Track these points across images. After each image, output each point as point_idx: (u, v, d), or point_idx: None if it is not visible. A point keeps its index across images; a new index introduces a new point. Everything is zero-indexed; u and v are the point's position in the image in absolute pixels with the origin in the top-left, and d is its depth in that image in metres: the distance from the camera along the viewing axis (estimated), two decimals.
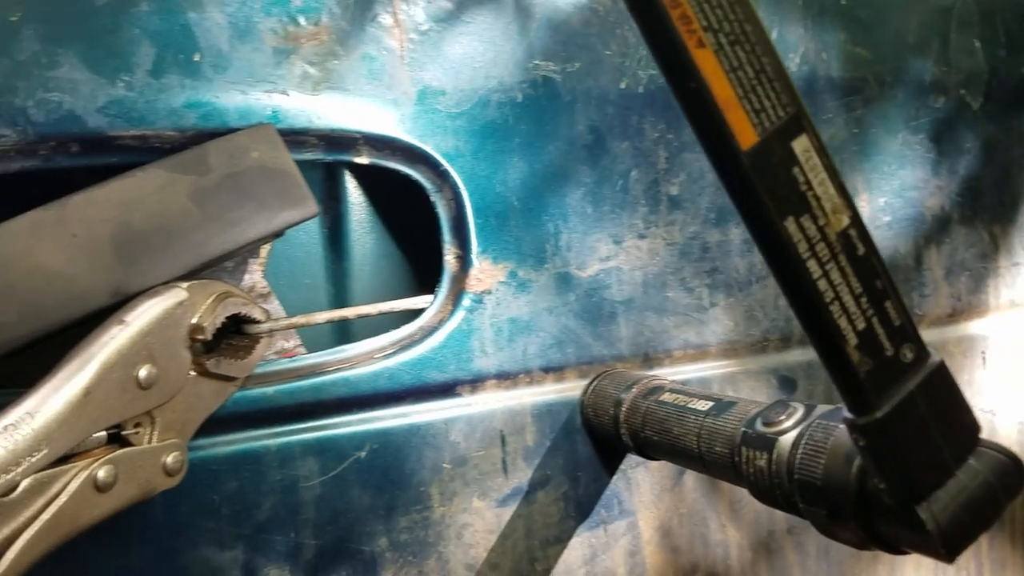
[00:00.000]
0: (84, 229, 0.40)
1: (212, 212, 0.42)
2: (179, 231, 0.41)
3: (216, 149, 0.43)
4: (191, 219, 0.42)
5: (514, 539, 0.52)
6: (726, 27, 0.28)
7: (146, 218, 0.41)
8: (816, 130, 0.30)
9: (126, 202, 0.40)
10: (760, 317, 0.60)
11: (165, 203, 0.41)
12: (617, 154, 0.54)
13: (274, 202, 0.43)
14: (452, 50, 0.49)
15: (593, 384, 0.53)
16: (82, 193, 0.40)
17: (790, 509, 0.39)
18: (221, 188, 0.42)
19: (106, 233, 0.40)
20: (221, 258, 0.43)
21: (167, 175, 0.41)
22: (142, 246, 0.40)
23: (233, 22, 0.43)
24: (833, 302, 0.30)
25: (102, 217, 0.40)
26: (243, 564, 0.46)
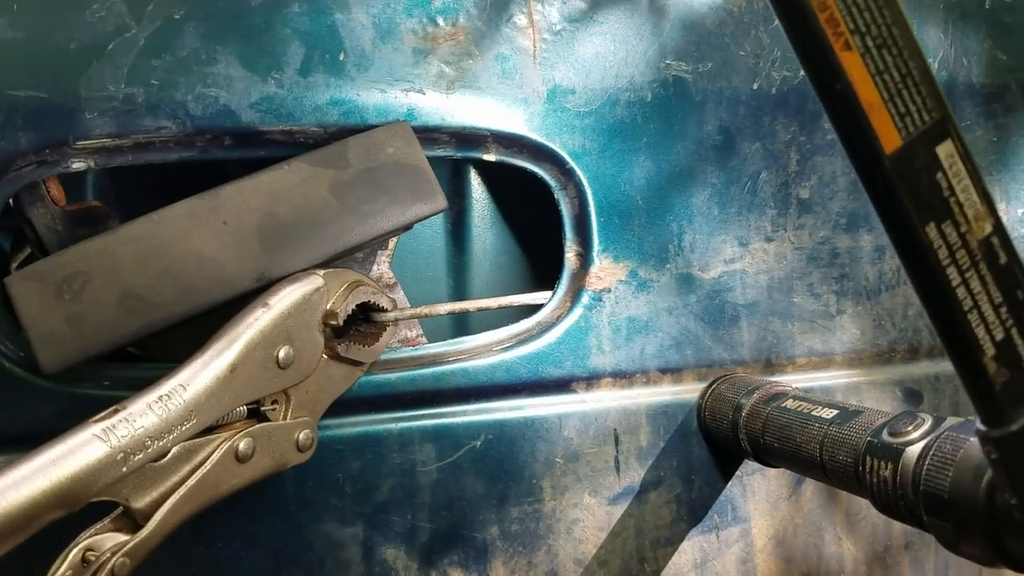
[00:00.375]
0: (234, 217, 0.42)
1: (349, 204, 0.44)
2: (319, 221, 0.43)
3: (355, 145, 0.45)
4: (330, 210, 0.44)
5: (624, 538, 0.52)
6: (873, 30, 0.28)
7: (290, 208, 0.43)
8: (961, 136, 0.29)
9: (273, 193, 0.43)
10: (888, 327, 0.58)
11: (308, 195, 0.43)
12: (747, 155, 0.53)
13: (406, 196, 0.45)
14: (584, 50, 0.49)
15: (712, 387, 0.53)
16: (233, 184, 0.43)
17: (913, 522, 0.38)
18: (358, 182, 0.44)
19: (254, 221, 0.43)
20: (355, 248, 0.45)
21: (310, 168, 0.44)
22: (285, 235, 0.43)
23: (377, 23, 0.45)
24: (971, 311, 0.29)
25: (250, 206, 0.43)
26: (362, 541, 0.48)
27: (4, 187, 0.42)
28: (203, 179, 0.43)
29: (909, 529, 0.59)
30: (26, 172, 0.42)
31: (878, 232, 0.57)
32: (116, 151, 0.43)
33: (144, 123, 0.43)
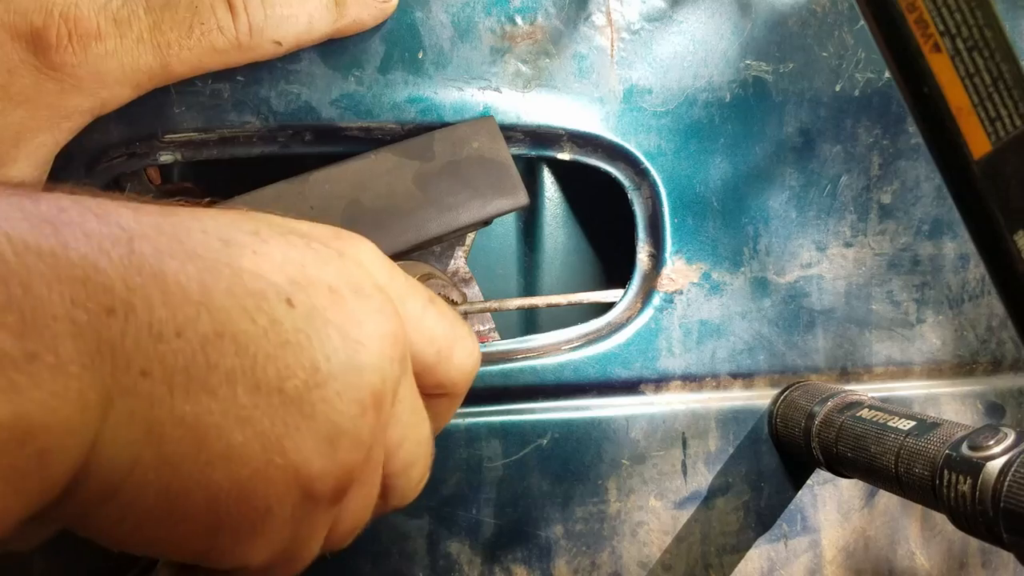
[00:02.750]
0: (320, 203, 0.43)
1: (432, 196, 0.45)
2: (402, 211, 0.44)
3: (441, 138, 0.45)
4: (413, 201, 0.44)
5: (689, 543, 0.52)
6: (964, 32, 0.27)
7: (374, 197, 0.44)
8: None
9: (359, 181, 0.44)
10: (971, 338, 0.56)
11: (392, 185, 0.44)
12: (827, 158, 0.52)
13: (488, 191, 0.46)
14: (662, 49, 0.49)
15: (785, 394, 0.52)
16: (321, 170, 0.44)
17: (992, 539, 0.37)
18: (442, 174, 0.45)
19: (339, 208, 0.44)
20: (435, 239, 0.46)
21: (396, 159, 0.45)
22: (369, 223, 0.44)
23: (455, 22, 0.46)
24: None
25: (337, 193, 0.44)
26: (428, 534, 0.49)
27: (96, 178, 0.44)
28: (280, 175, 0.44)
29: (987, 547, 0.57)
30: (117, 164, 0.44)
31: (962, 240, 0.55)
32: (202, 144, 0.45)
33: (229, 118, 0.44)
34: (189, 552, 0.27)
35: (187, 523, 0.26)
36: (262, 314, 0.27)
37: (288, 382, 0.27)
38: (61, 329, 0.22)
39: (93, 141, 0.42)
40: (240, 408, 0.26)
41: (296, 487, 0.27)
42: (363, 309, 0.30)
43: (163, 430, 0.24)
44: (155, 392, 0.24)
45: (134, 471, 0.24)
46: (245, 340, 0.26)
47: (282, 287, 0.28)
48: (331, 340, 0.28)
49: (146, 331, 0.24)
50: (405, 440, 0.34)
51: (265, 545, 0.28)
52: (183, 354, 0.25)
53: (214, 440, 0.25)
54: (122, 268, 0.24)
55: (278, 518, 0.27)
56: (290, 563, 0.31)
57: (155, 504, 0.25)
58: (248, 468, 0.26)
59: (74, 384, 0.22)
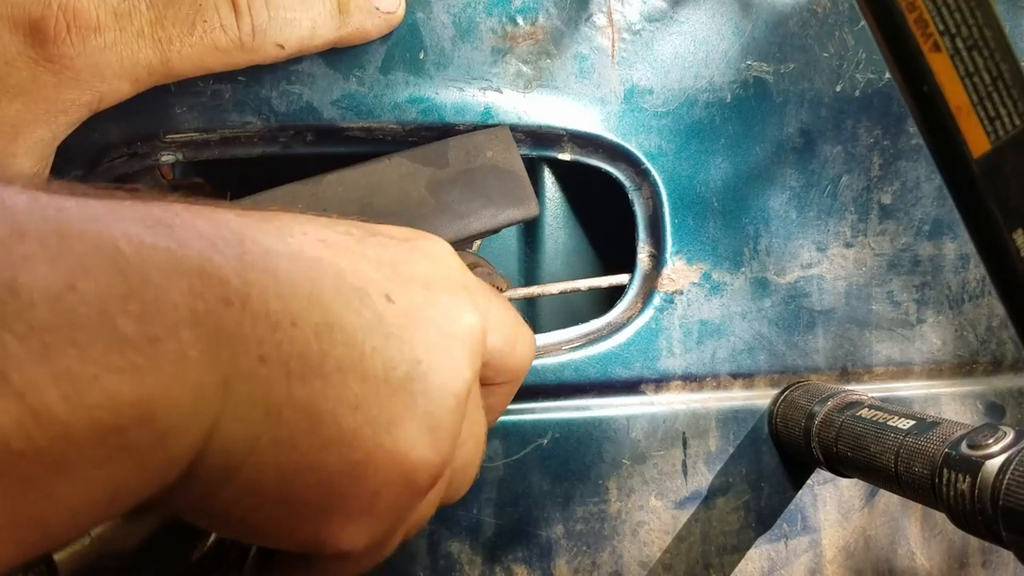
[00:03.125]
0: (333, 205, 0.43)
1: (445, 203, 0.45)
2: (414, 217, 0.44)
3: (456, 145, 0.46)
4: (425, 207, 0.45)
5: (690, 542, 0.52)
6: (964, 31, 0.27)
7: (387, 202, 0.44)
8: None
9: (372, 185, 0.44)
10: (970, 338, 0.56)
11: (405, 190, 0.44)
12: (827, 159, 0.52)
13: (501, 199, 0.46)
14: (663, 49, 0.49)
15: (785, 394, 0.52)
16: (335, 173, 0.44)
17: (991, 537, 0.37)
18: (456, 182, 0.45)
19: (352, 211, 0.44)
20: None
21: (411, 165, 0.45)
22: None
23: (457, 22, 0.46)
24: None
25: (350, 196, 0.44)
26: (428, 534, 0.49)
27: (97, 178, 0.44)
28: (280, 176, 0.44)
29: (986, 545, 0.57)
30: (118, 164, 0.44)
31: (962, 240, 0.55)
32: (203, 145, 0.45)
33: (231, 118, 0.44)
34: (299, 536, 0.28)
35: (301, 506, 0.27)
36: (367, 309, 0.28)
37: (392, 373, 0.28)
38: (181, 317, 0.23)
39: (94, 141, 0.42)
40: (351, 395, 0.27)
41: (400, 473, 0.29)
42: (456, 306, 0.32)
43: (280, 413, 0.26)
44: (272, 377, 0.25)
45: (253, 452, 0.25)
46: (352, 332, 0.27)
47: (381, 284, 0.29)
48: (429, 336, 0.30)
49: (263, 320, 0.25)
50: (469, 438, 0.35)
51: (368, 530, 0.29)
52: (298, 342, 0.26)
53: (328, 424, 0.27)
54: (236, 263, 0.25)
55: (384, 503, 0.29)
56: (379, 553, 0.32)
57: (273, 485, 0.26)
58: (359, 452, 0.27)
59: (194, 368, 0.23)
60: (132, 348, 0.21)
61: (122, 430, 0.21)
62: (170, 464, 0.23)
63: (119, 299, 0.22)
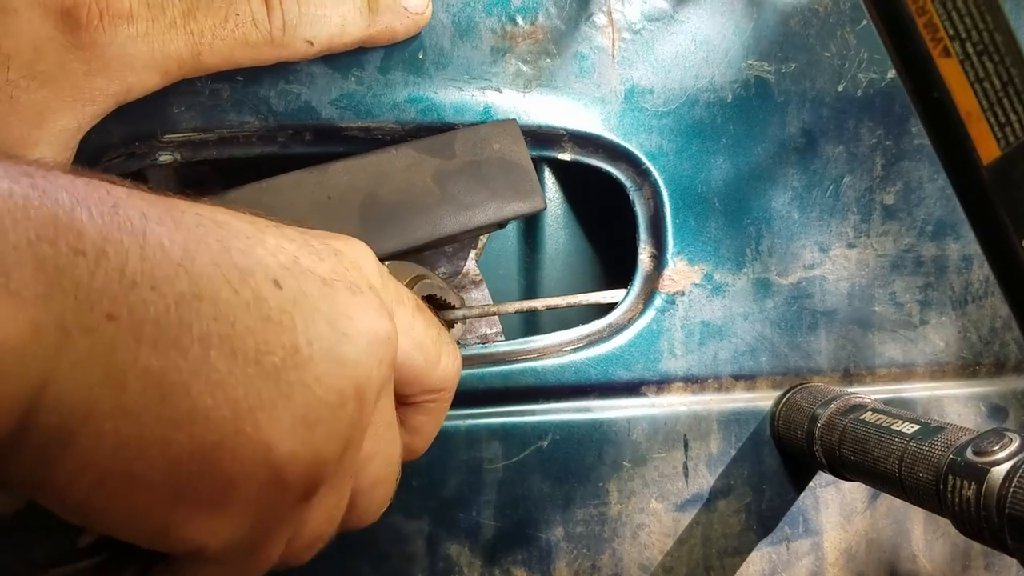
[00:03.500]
0: (339, 193, 0.43)
1: (450, 194, 0.45)
2: (419, 207, 0.44)
3: (463, 137, 0.45)
4: (431, 198, 0.44)
5: (691, 545, 0.52)
6: (974, 36, 0.27)
7: (392, 191, 0.44)
8: None
9: (378, 174, 0.44)
10: (974, 339, 0.56)
11: (411, 180, 0.44)
12: (829, 159, 0.52)
13: (506, 192, 0.45)
14: (663, 49, 0.49)
15: (787, 396, 0.52)
16: (341, 161, 0.44)
17: (997, 545, 0.36)
18: (462, 173, 0.45)
19: (357, 200, 0.43)
20: (449, 238, 0.45)
21: (417, 155, 0.44)
22: (385, 216, 0.44)
23: (456, 21, 0.45)
24: None
25: (356, 185, 0.43)
26: (427, 535, 0.48)
27: None
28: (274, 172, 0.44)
29: (989, 551, 0.57)
30: (116, 163, 0.44)
31: (965, 241, 0.55)
32: (201, 145, 0.44)
33: (229, 118, 0.44)
34: (146, 527, 0.26)
35: (145, 488, 0.25)
36: (246, 288, 0.27)
37: (266, 357, 0.27)
38: (19, 258, 0.22)
39: (92, 140, 0.42)
40: (212, 371, 0.26)
41: (265, 465, 0.27)
42: (356, 305, 0.30)
43: (125, 378, 0.24)
44: (119, 337, 0.24)
45: (92, 416, 0.24)
46: (225, 308, 0.26)
47: (271, 268, 0.28)
48: (317, 326, 0.29)
49: (117, 277, 0.24)
50: (377, 455, 0.33)
51: (225, 526, 0.27)
52: (155, 306, 0.25)
53: (180, 398, 0.25)
54: (100, 222, 0.24)
55: (242, 496, 0.27)
56: (248, 559, 0.30)
57: (113, 459, 0.25)
58: (215, 435, 0.26)
59: (26, 309, 0.22)
60: None
61: None
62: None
63: None
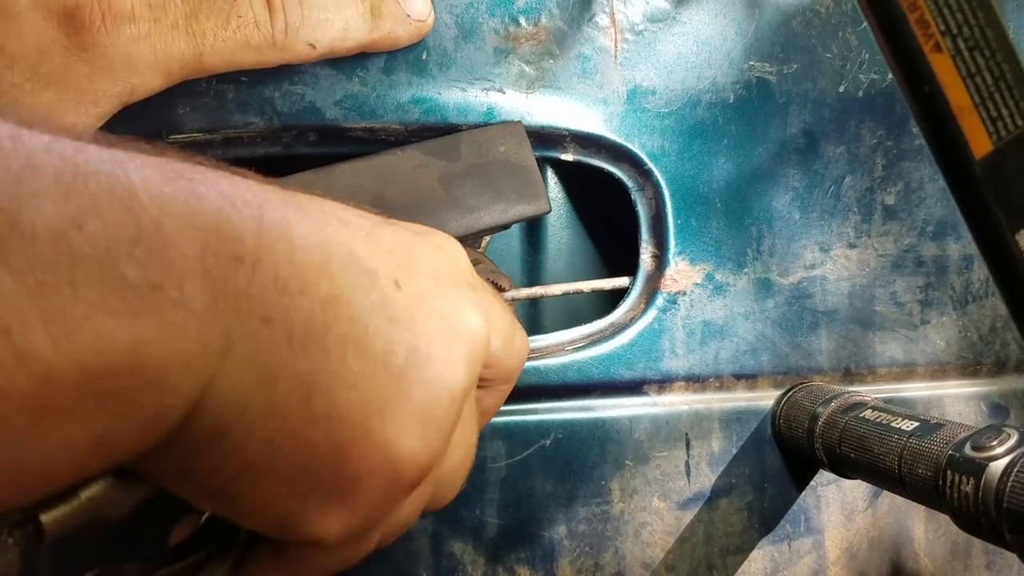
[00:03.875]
0: (346, 195, 0.43)
1: (455, 196, 0.45)
2: (424, 209, 0.44)
3: (468, 139, 0.46)
4: (436, 200, 0.45)
5: (693, 543, 0.52)
6: (965, 31, 0.27)
7: (398, 193, 0.44)
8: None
9: (385, 176, 0.44)
10: (974, 339, 0.56)
11: (417, 182, 0.44)
12: (831, 159, 0.52)
13: (512, 195, 0.46)
14: (666, 50, 0.49)
15: (788, 395, 0.52)
16: (348, 163, 0.44)
17: (995, 540, 0.37)
18: (467, 176, 0.45)
19: (363, 201, 0.43)
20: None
21: (423, 157, 0.45)
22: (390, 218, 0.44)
23: (459, 23, 0.46)
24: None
25: (361, 186, 0.44)
26: (431, 534, 0.49)
27: None
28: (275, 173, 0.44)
29: (991, 547, 0.57)
30: None
31: (966, 241, 0.55)
32: (206, 145, 0.45)
33: (233, 119, 0.44)
34: (273, 513, 0.27)
35: (280, 480, 0.27)
36: (374, 290, 0.28)
37: (392, 357, 0.28)
38: (189, 268, 0.23)
39: None
40: (348, 373, 0.27)
41: (386, 462, 0.28)
42: (461, 303, 0.31)
43: (276, 379, 0.25)
44: (274, 341, 0.25)
45: (244, 415, 0.25)
46: (359, 311, 0.27)
47: (392, 269, 0.29)
48: (432, 326, 0.30)
49: (271, 283, 0.25)
50: (461, 444, 0.34)
51: (344, 518, 0.28)
52: (304, 310, 0.26)
53: (322, 398, 0.26)
54: (253, 224, 0.25)
55: (365, 491, 0.28)
56: (356, 547, 0.31)
57: (256, 455, 0.26)
58: (347, 433, 0.27)
59: (195, 320, 0.23)
60: (132, 292, 0.21)
61: (110, 375, 0.21)
62: (159, 417, 0.23)
63: (127, 243, 0.21)
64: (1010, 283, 0.28)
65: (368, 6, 0.42)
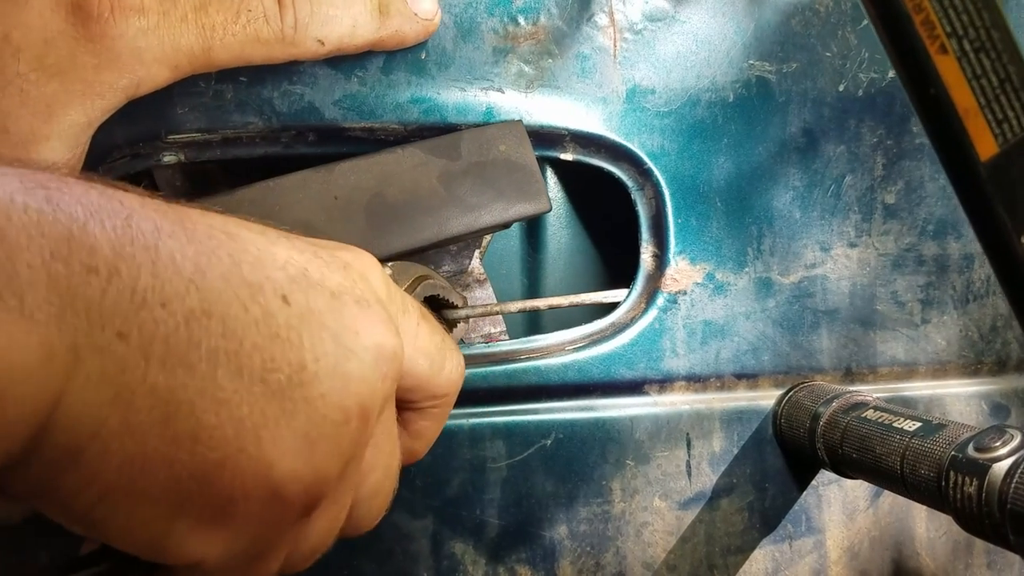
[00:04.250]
0: (345, 193, 0.43)
1: (456, 195, 0.45)
2: (424, 208, 0.44)
3: (469, 138, 0.45)
4: (436, 198, 0.44)
5: (694, 543, 0.52)
6: (971, 33, 0.27)
7: (398, 192, 0.44)
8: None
9: (384, 175, 0.44)
10: (975, 338, 0.56)
11: (417, 181, 0.44)
12: (831, 158, 0.52)
13: (512, 194, 0.46)
14: (665, 49, 0.49)
15: (789, 395, 0.52)
16: (348, 161, 0.44)
17: (998, 541, 0.37)
18: (467, 174, 0.45)
19: (363, 199, 0.44)
20: (454, 239, 0.45)
21: (423, 156, 0.45)
22: (390, 216, 0.44)
23: (458, 22, 0.46)
24: None
25: (362, 185, 0.44)
26: (431, 534, 0.49)
27: None
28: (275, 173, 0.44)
29: (992, 548, 0.57)
30: (120, 164, 0.44)
31: (966, 240, 0.55)
32: (205, 145, 0.45)
33: (232, 119, 0.44)
34: (145, 539, 0.26)
35: (147, 503, 0.25)
36: (255, 304, 0.27)
37: (272, 375, 0.27)
38: (33, 278, 0.22)
39: (96, 141, 0.42)
40: (218, 389, 0.26)
41: (266, 483, 0.27)
42: (363, 320, 0.30)
43: (133, 397, 0.24)
44: (129, 356, 0.24)
45: (99, 435, 0.24)
46: (234, 325, 0.26)
47: (280, 283, 0.28)
48: (323, 343, 0.28)
49: (128, 295, 0.24)
50: (377, 467, 0.33)
51: (223, 541, 0.27)
52: (165, 324, 0.24)
53: (185, 417, 0.25)
54: (113, 236, 0.24)
55: (241, 513, 0.27)
56: (246, 572, 0.30)
57: (116, 476, 0.24)
58: (217, 453, 0.26)
59: (39, 331, 0.22)
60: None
61: None
62: (8, 431, 0.22)
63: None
64: (1014, 284, 0.28)
65: (376, 4, 0.41)
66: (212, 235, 0.27)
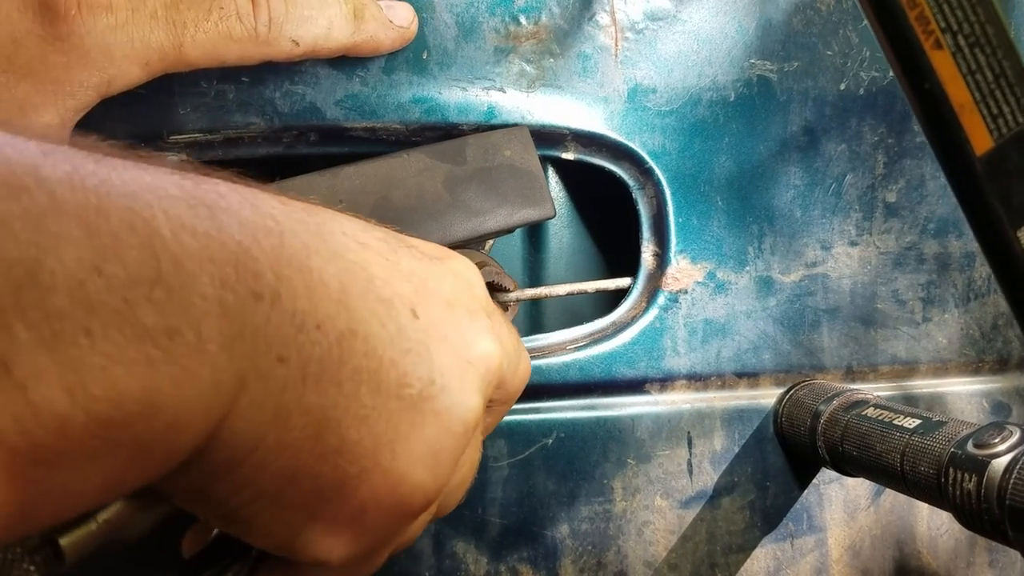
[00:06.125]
0: (350, 197, 0.43)
1: (460, 200, 0.45)
2: (429, 212, 0.44)
3: (474, 143, 0.46)
4: (441, 203, 0.45)
5: (695, 542, 0.52)
6: (966, 28, 0.27)
7: (403, 196, 0.44)
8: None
9: (389, 179, 0.44)
10: (976, 336, 0.56)
11: (422, 185, 0.44)
12: (832, 157, 0.52)
13: (516, 199, 0.46)
14: (666, 48, 0.49)
15: (790, 393, 0.52)
16: (353, 165, 0.44)
17: (998, 537, 0.37)
18: (472, 179, 0.45)
19: (368, 204, 0.44)
20: (459, 243, 0.46)
21: (428, 160, 0.45)
22: (395, 220, 0.44)
23: (460, 22, 0.46)
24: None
25: (367, 189, 0.44)
26: (433, 533, 0.49)
27: None
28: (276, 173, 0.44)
29: (993, 545, 0.57)
30: None
31: (967, 238, 0.55)
32: (207, 145, 0.45)
33: (234, 119, 0.44)
34: (282, 537, 0.28)
35: (289, 508, 0.27)
36: (391, 320, 0.28)
37: (406, 390, 0.28)
38: (208, 309, 0.22)
39: None
40: (360, 407, 0.26)
41: (393, 495, 0.28)
42: (474, 331, 0.31)
43: (289, 416, 0.25)
44: (289, 379, 0.25)
45: (256, 451, 0.25)
46: (374, 343, 0.27)
47: (409, 297, 0.29)
48: (445, 356, 0.29)
49: (289, 320, 0.24)
50: (465, 462, 0.34)
51: (349, 544, 0.28)
52: (320, 346, 0.25)
53: (332, 433, 0.26)
54: (273, 258, 0.24)
55: (370, 520, 0.28)
56: (361, 568, 0.32)
57: (269, 485, 0.26)
58: (356, 466, 0.27)
59: (210, 363, 0.22)
60: (149, 339, 0.21)
61: (124, 424, 0.21)
62: (169, 458, 0.23)
63: (146, 284, 0.21)
64: (1011, 280, 0.28)
65: (351, 8, 0.41)
66: (348, 246, 0.28)
